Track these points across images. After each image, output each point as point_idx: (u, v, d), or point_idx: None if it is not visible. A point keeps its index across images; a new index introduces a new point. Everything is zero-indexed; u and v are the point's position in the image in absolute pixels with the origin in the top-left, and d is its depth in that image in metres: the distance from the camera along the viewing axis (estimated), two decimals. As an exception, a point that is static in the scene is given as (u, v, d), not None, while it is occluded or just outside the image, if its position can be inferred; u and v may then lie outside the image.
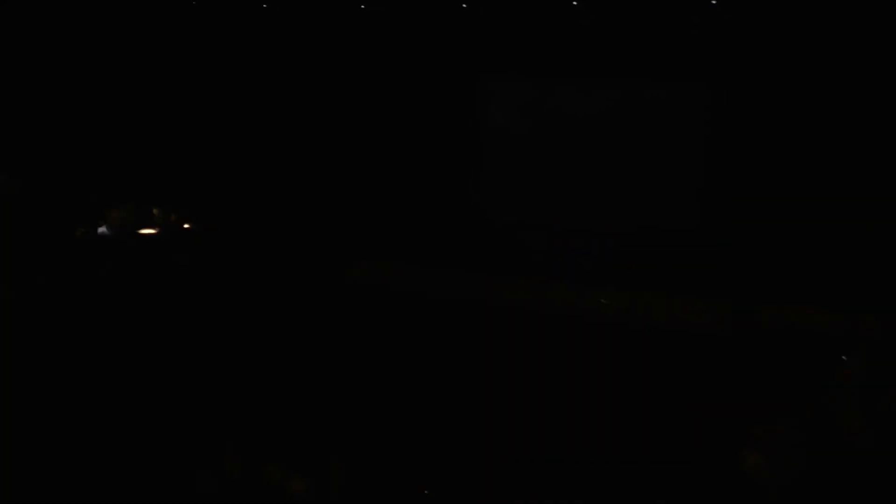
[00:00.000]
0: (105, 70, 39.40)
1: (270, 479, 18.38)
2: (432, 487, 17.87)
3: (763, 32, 30.11)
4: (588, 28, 30.96)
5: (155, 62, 39.29)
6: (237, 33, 38.81)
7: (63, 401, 21.24)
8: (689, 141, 31.27)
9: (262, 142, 39.49)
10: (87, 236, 36.57)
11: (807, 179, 30.12)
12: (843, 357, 23.18)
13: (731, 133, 29.80)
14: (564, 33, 31.07)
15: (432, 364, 26.59)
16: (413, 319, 31.42)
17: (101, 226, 37.33)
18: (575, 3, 29.89)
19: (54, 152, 38.36)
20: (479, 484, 19.02)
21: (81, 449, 19.66)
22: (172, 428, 20.58)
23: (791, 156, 30.15)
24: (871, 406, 20.71)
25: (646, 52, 30.70)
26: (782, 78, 28.83)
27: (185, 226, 39.23)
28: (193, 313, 32.23)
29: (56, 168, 37.96)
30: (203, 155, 39.28)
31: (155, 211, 39.04)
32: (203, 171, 39.03)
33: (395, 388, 24.77)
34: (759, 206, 30.68)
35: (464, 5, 31.13)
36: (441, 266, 34.79)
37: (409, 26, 34.28)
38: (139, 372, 25.68)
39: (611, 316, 30.84)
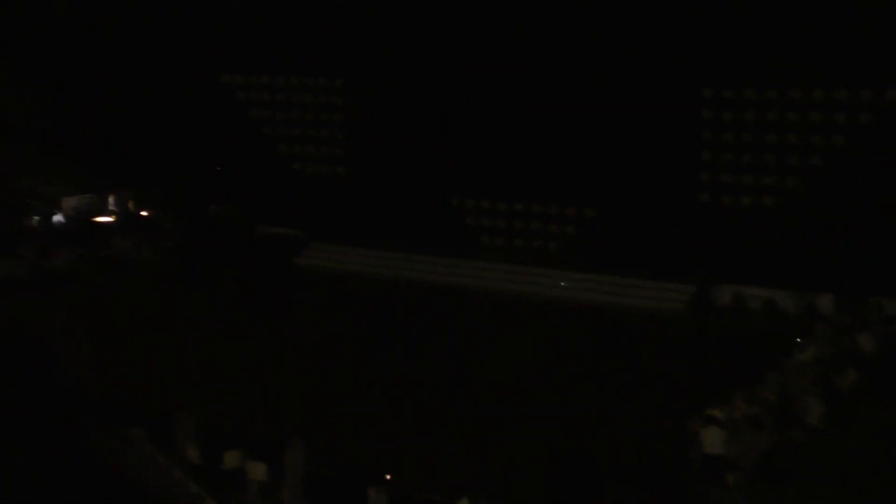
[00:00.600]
0: (63, 61, 38.95)
1: (229, 466, 18.28)
2: (395, 473, 17.82)
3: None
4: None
5: (111, 56, 38.88)
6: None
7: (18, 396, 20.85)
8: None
9: (217, 129, 39.25)
10: (41, 225, 36.14)
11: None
12: (798, 339, 23.37)
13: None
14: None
15: (390, 347, 26.48)
16: (368, 302, 31.31)
17: (56, 214, 36.92)
18: None
19: (10, 140, 37.84)
20: (441, 468, 18.96)
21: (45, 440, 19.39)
22: (133, 417, 20.36)
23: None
24: (827, 384, 20.90)
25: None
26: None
27: (143, 213, 38.91)
28: (150, 300, 31.82)
29: (10, 156, 37.44)
30: (158, 142, 38.92)
31: (111, 199, 38.69)
32: (158, 158, 38.66)
33: (355, 372, 24.65)
34: (715, 187, 30.85)
35: None
36: (398, 249, 34.72)
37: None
38: (95, 359, 25.34)
39: (570, 298, 30.89)
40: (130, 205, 38.44)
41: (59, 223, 36.47)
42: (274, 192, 38.10)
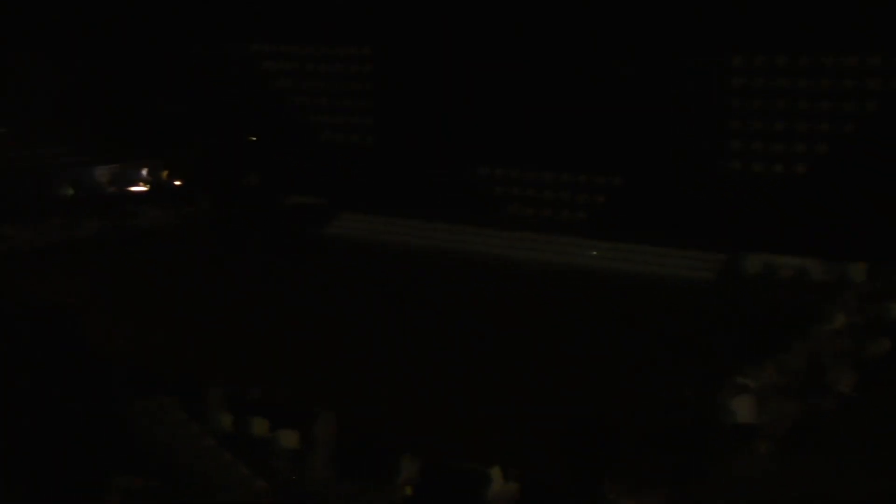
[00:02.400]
0: (92, 30, 39.09)
1: (259, 433, 18.44)
2: (425, 442, 17.89)
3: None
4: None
5: (142, 26, 38.97)
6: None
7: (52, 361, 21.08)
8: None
9: (246, 99, 39.33)
10: (75, 195, 36.43)
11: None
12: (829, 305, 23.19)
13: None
14: None
15: (418, 317, 26.55)
16: (396, 271, 31.39)
17: (88, 183, 37.16)
18: None
19: (41, 109, 38.05)
20: (471, 436, 19.04)
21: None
22: (164, 385, 20.55)
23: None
24: (857, 352, 20.81)
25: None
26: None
27: (176, 183, 39.12)
28: (180, 269, 32.04)
29: (38, 126, 37.67)
30: (189, 112, 39.05)
31: (144, 169, 38.92)
32: (188, 129, 38.81)
33: (383, 342, 24.75)
34: (745, 155, 30.66)
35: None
36: (426, 219, 34.72)
37: None
38: (126, 328, 25.59)
39: (601, 266, 30.85)
40: (163, 175, 38.65)
41: (91, 192, 36.71)
42: (302, 162, 38.18)
